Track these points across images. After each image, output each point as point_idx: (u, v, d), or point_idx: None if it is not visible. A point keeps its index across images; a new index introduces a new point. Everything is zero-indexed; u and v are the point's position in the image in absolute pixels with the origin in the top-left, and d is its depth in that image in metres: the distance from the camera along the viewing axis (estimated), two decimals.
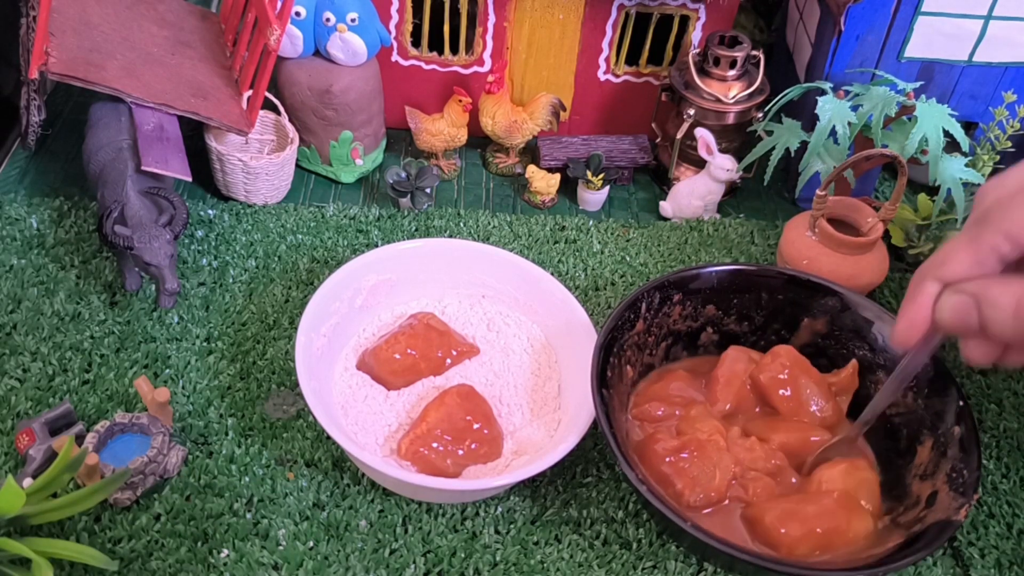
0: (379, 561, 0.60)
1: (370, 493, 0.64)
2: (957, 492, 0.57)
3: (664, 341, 0.69)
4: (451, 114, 0.88)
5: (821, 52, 0.83)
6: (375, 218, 0.85)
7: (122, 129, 0.76)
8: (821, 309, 0.69)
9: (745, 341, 0.71)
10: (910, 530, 0.57)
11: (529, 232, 0.85)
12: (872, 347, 0.67)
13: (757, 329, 0.71)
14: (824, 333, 0.69)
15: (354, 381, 0.68)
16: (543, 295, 0.72)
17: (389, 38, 0.85)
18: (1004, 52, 0.81)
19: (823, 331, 0.69)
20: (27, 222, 0.81)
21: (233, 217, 0.84)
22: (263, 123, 0.88)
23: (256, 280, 0.78)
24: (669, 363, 0.70)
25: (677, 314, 0.68)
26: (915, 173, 0.91)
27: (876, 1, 0.78)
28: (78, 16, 0.79)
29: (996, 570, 0.63)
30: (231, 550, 0.60)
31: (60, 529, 0.60)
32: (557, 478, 0.66)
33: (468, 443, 0.63)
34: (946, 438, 0.61)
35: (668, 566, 0.61)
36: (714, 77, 0.84)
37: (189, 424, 0.67)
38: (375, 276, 0.72)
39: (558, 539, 0.62)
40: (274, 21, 0.76)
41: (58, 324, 0.72)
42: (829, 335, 0.69)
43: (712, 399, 0.66)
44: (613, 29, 0.87)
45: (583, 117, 0.95)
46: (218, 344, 0.73)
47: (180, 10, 0.90)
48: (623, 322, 0.64)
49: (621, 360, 0.64)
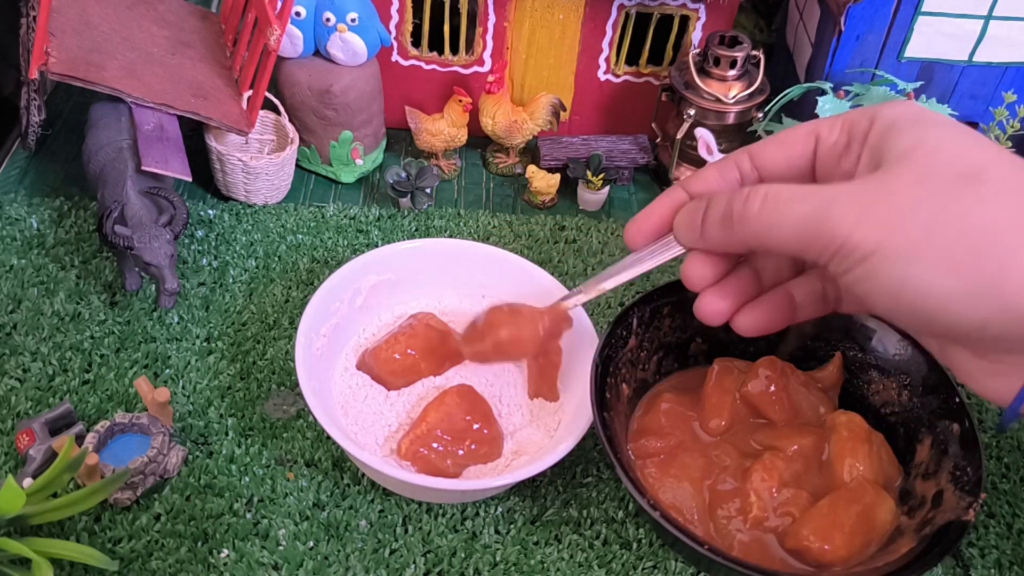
0: (379, 561, 0.60)
1: (370, 493, 0.64)
2: (963, 491, 0.57)
3: (656, 355, 0.68)
4: (451, 114, 0.88)
5: (821, 52, 0.83)
6: (375, 218, 0.85)
7: (122, 129, 0.76)
8: None
9: (733, 349, 0.70)
10: (921, 532, 0.57)
11: (529, 232, 0.85)
12: (862, 347, 0.67)
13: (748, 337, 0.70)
14: (812, 335, 0.69)
15: (354, 381, 0.68)
16: (543, 295, 0.72)
17: (389, 38, 0.85)
18: (1004, 52, 0.81)
19: (811, 333, 0.69)
20: (27, 222, 0.81)
21: (233, 217, 0.84)
22: (263, 123, 0.88)
23: (256, 280, 0.78)
24: (661, 378, 0.69)
25: (667, 326, 0.68)
26: None
27: (876, 1, 0.78)
28: (78, 16, 0.79)
29: (996, 570, 0.63)
30: (231, 550, 0.60)
31: (60, 529, 0.60)
32: (557, 478, 0.66)
33: (468, 443, 0.63)
34: (945, 436, 0.61)
35: (668, 566, 0.61)
36: (714, 77, 0.84)
37: (189, 424, 0.67)
38: (375, 276, 0.72)
39: (558, 539, 0.62)
40: (274, 21, 0.76)
41: (58, 324, 0.72)
42: (818, 336, 0.69)
43: (704, 419, 0.65)
44: (613, 29, 0.87)
45: (583, 117, 0.95)
46: (218, 344, 0.73)
47: (180, 10, 0.90)
48: (616, 340, 0.64)
49: (617, 379, 0.63)
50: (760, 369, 0.66)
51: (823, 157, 0.40)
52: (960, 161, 0.36)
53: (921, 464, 0.62)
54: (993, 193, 0.36)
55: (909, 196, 0.36)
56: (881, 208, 0.37)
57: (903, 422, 0.64)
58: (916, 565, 0.53)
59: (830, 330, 0.68)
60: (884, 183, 0.37)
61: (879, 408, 0.66)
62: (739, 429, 0.65)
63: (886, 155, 0.38)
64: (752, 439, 0.65)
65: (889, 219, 0.36)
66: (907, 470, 0.63)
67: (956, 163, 0.36)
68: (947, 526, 0.56)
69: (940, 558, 0.53)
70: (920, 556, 0.55)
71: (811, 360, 0.69)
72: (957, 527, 0.55)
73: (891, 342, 0.65)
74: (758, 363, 0.66)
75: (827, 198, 0.38)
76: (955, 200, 0.36)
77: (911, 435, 0.64)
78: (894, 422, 0.65)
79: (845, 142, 0.39)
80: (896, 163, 0.37)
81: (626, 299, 0.80)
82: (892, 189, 0.37)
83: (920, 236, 0.36)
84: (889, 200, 0.36)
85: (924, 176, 0.36)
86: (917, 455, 0.63)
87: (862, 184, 0.38)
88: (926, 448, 0.62)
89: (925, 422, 0.63)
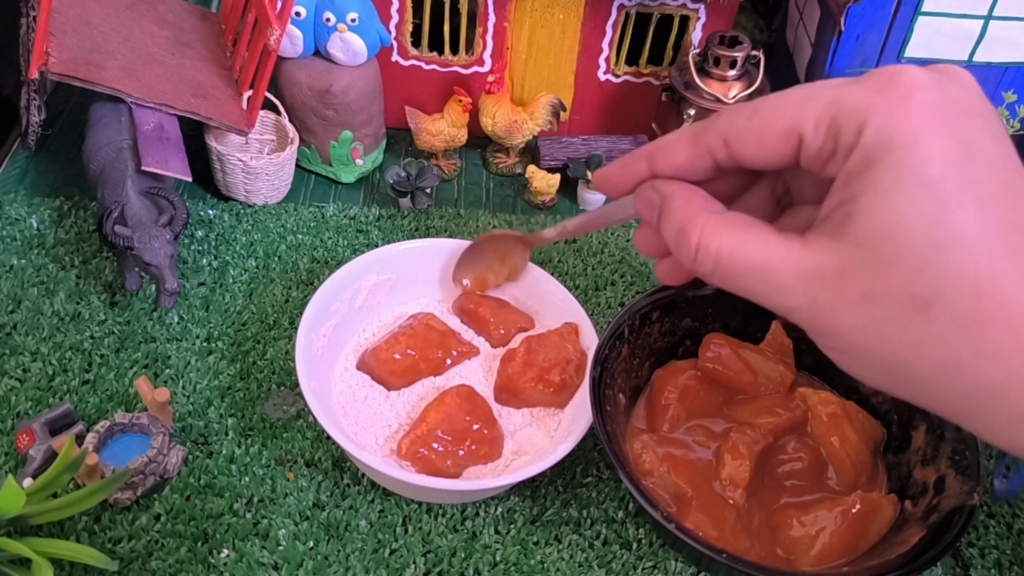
0: (379, 561, 0.60)
1: (370, 493, 0.64)
2: (964, 475, 0.57)
3: (647, 361, 0.68)
4: (451, 114, 0.88)
5: (821, 52, 0.83)
6: (375, 218, 0.85)
7: (122, 129, 0.76)
8: None
9: None
10: (928, 520, 0.57)
11: (529, 232, 0.85)
12: None
13: (734, 335, 0.70)
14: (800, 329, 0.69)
15: (354, 381, 0.68)
16: (543, 295, 0.72)
17: (389, 38, 0.85)
18: (1004, 52, 0.81)
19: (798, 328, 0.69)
20: (27, 222, 0.81)
21: (233, 217, 0.84)
22: (263, 123, 0.88)
23: (256, 280, 0.78)
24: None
25: (657, 332, 0.68)
26: None
27: (876, 1, 0.78)
28: (78, 16, 0.79)
29: (996, 570, 0.63)
30: (231, 550, 0.60)
31: (60, 529, 0.60)
32: (557, 478, 0.66)
33: (468, 443, 0.63)
34: (940, 420, 0.61)
35: (668, 566, 0.61)
36: (714, 77, 0.84)
37: (189, 424, 0.67)
38: (375, 276, 0.72)
39: (558, 539, 0.62)
40: (274, 21, 0.76)
41: (58, 324, 0.72)
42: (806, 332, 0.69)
43: (655, 426, 0.65)
44: (613, 29, 0.87)
45: (583, 117, 0.95)
46: (218, 344, 0.73)
47: (180, 10, 0.90)
48: (610, 350, 0.64)
49: (614, 389, 0.64)
50: (711, 342, 0.68)
51: (808, 162, 0.36)
52: (916, 280, 0.32)
53: (919, 450, 0.62)
54: (941, 327, 0.32)
55: (856, 312, 0.34)
56: (827, 311, 0.35)
57: (896, 409, 0.65)
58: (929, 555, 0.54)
59: None
60: (840, 277, 0.34)
61: (870, 396, 0.67)
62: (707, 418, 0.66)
63: (856, 215, 0.33)
64: (729, 413, 0.66)
65: (835, 323, 0.35)
66: (904, 457, 0.63)
67: (912, 281, 0.32)
68: (953, 512, 0.56)
69: (952, 545, 0.54)
70: (930, 544, 0.55)
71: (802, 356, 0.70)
72: (965, 512, 0.55)
73: None
74: (707, 338, 0.68)
75: (781, 284, 0.36)
76: (903, 328, 0.33)
77: (905, 422, 0.64)
78: (887, 410, 0.66)
79: (831, 149, 0.34)
80: (860, 246, 0.33)
81: (626, 299, 0.80)
82: (842, 291, 0.34)
83: (860, 350, 0.34)
84: (836, 304, 0.34)
85: (877, 288, 0.33)
86: (913, 442, 0.63)
87: (818, 260, 0.34)
88: (922, 434, 0.63)
89: (918, 408, 0.63)
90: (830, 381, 0.69)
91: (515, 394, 0.67)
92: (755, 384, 0.67)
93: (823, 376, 0.70)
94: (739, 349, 0.68)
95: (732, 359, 0.67)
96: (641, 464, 0.61)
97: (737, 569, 0.53)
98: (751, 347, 0.69)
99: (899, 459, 0.64)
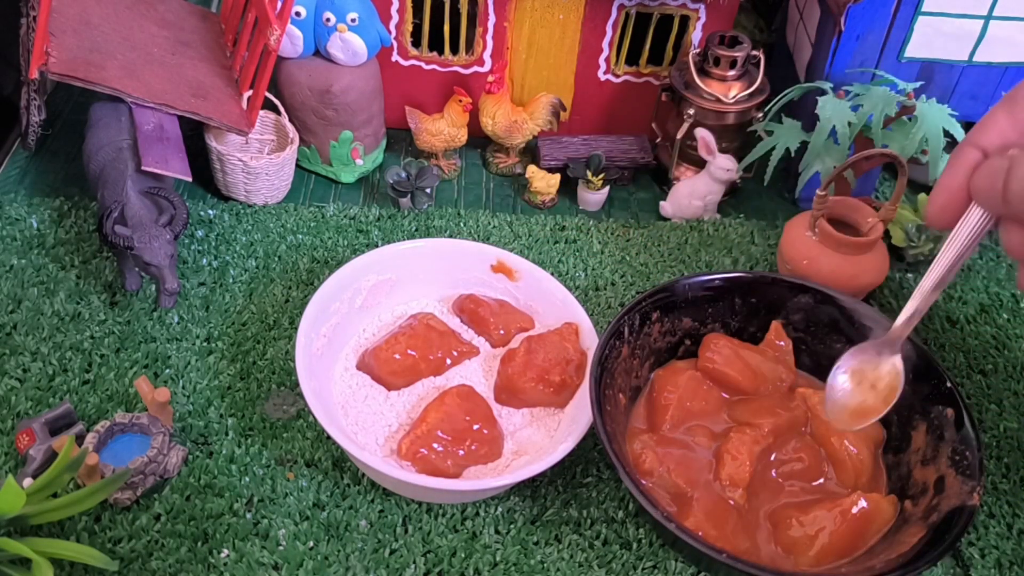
0: (379, 561, 0.60)
1: (370, 493, 0.64)
2: (964, 475, 0.57)
3: (647, 361, 0.68)
4: (451, 114, 0.88)
5: (821, 52, 0.83)
6: (375, 218, 0.85)
7: (122, 129, 0.76)
8: (795, 307, 0.69)
9: None
10: (928, 520, 0.57)
11: (529, 232, 0.85)
12: (850, 339, 0.67)
13: (733, 335, 0.71)
14: (802, 330, 0.70)
15: (354, 381, 0.68)
16: (543, 295, 0.72)
17: (389, 38, 0.85)
18: (1004, 52, 0.81)
19: (800, 328, 0.70)
20: (27, 222, 0.81)
21: (233, 217, 0.84)
22: (263, 123, 0.88)
23: (256, 280, 0.78)
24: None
25: (656, 332, 0.68)
26: (915, 173, 0.91)
27: (876, 1, 0.78)
28: (78, 16, 0.79)
29: (996, 570, 0.63)
30: (231, 550, 0.60)
31: (60, 529, 0.60)
32: (557, 478, 0.66)
33: (468, 443, 0.63)
34: (940, 421, 0.61)
35: (668, 566, 0.61)
36: (714, 77, 0.84)
37: (189, 424, 0.67)
38: (375, 276, 0.72)
39: (558, 539, 0.62)
40: (274, 21, 0.76)
41: (58, 324, 0.72)
42: (806, 331, 0.70)
43: (655, 426, 0.65)
44: (613, 29, 0.87)
45: (583, 117, 0.95)
46: (218, 344, 0.73)
47: (180, 10, 0.90)
48: (610, 351, 0.64)
49: (614, 389, 0.64)
50: (711, 342, 0.68)
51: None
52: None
53: (918, 450, 0.62)
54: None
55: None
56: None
57: (895, 409, 0.65)
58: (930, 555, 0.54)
59: (817, 324, 0.69)
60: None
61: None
62: (709, 418, 0.66)
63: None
64: (732, 414, 0.66)
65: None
66: (904, 458, 0.63)
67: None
68: (953, 512, 0.56)
69: (952, 545, 0.54)
70: (930, 545, 0.55)
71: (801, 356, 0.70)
72: (964, 512, 0.55)
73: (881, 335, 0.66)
74: (707, 338, 0.68)
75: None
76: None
77: (905, 422, 0.64)
78: None
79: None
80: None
81: (626, 299, 0.80)
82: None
83: None
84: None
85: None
86: (913, 442, 0.63)
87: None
88: (921, 434, 0.63)
89: (918, 408, 0.63)
90: None
91: (515, 394, 0.67)
92: (755, 384, 0.67)
93: (823, 376, 0.70)
94: (739, 349, 0.68)
95: (732, 359, 0.67)
96: (641, 464, 0.61)
97: (737, 569, 0.52)
98: (751, 347, 0.69)
99: (899, 459, 0.64)
